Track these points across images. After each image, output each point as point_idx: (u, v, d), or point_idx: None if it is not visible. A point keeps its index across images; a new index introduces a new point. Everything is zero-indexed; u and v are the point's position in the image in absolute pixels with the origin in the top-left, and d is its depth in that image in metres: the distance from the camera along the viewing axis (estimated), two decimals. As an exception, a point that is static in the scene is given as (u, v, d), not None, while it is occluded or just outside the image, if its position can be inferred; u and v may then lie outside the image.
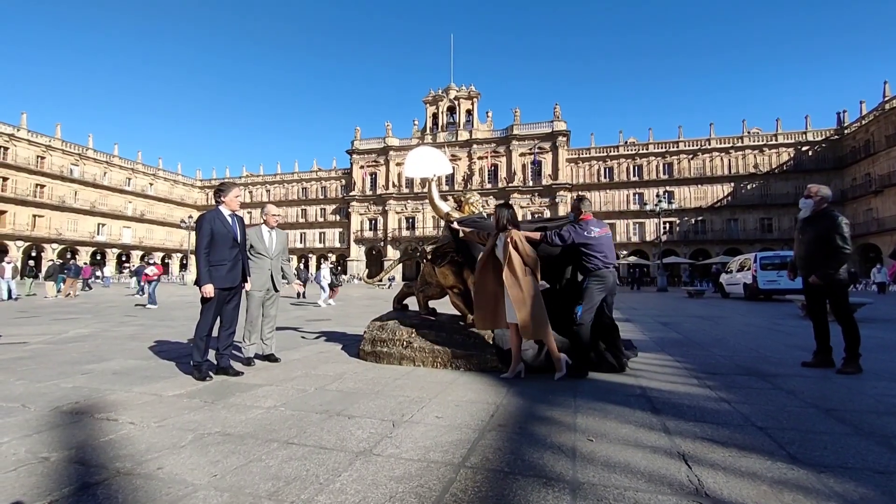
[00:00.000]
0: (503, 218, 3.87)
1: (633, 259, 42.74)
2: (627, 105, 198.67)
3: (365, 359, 4.74)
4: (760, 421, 2.76)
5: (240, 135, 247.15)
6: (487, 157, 49.85)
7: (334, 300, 15.48)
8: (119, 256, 52.52)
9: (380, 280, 6.91)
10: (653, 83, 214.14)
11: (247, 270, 4.29)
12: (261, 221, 4.93)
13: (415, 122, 54.80)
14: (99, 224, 50.73)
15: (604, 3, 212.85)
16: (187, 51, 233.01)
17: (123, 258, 52.99)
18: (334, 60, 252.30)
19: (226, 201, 4.12)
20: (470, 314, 4.71)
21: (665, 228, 43.58)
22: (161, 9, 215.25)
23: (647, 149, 47.76)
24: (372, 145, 55.31)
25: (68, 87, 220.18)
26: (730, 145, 45.54)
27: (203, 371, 3.86)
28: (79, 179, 49.22)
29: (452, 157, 49.42)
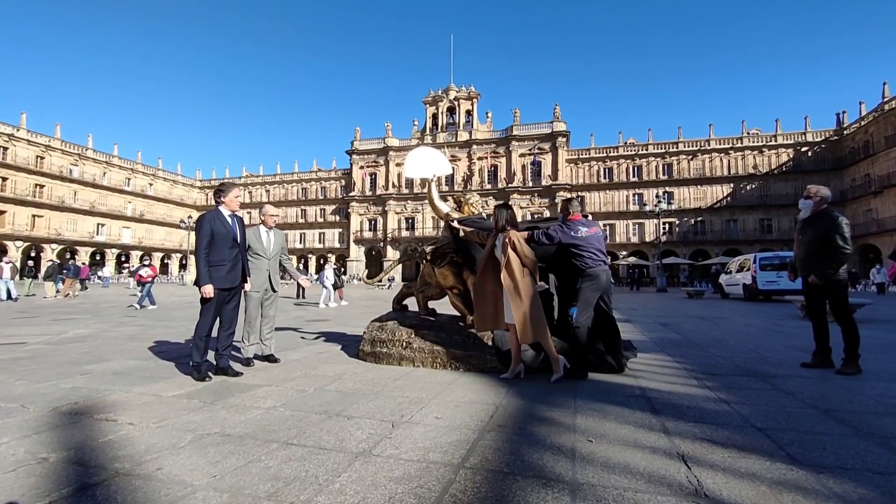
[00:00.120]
0: (502, 218, 3.87)
1: (633, 260, 42.76)
2: (627, 105, 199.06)
3: (364, 359, 4.74)
4: (760, 422, 2.76)
5: (240, 135, 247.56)
6: (487, 158, 49.86)
7: (344, 299, 15.53)
8: (118, 257, 52.48)
9: (379, 280, 6.90)
10: (652, 83, 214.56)
11: (247, 271, 4.29)
12: (259, 222, 4.92)
13: (414, 123, 54.83)
14: (98, 224, 50.70)
15: (604, 4, 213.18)
16: (187, 51, 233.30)
17: (123, 258, 52.96)
18: (334, 61, 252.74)
19: (226, 201, 4.12)
20: (469, 315, 4.71)
21: (664, 229, 43.61)
22: (161, 9, 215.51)
23: (647, 149, 47.78)
24: (372, 146, 55.31)
25: (68, 88, 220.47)
26: (729, 146, 45.58)
27: (202, 371, 3.86)
28: (78, 179, 49.20)
29: (452, 158, 49.44)
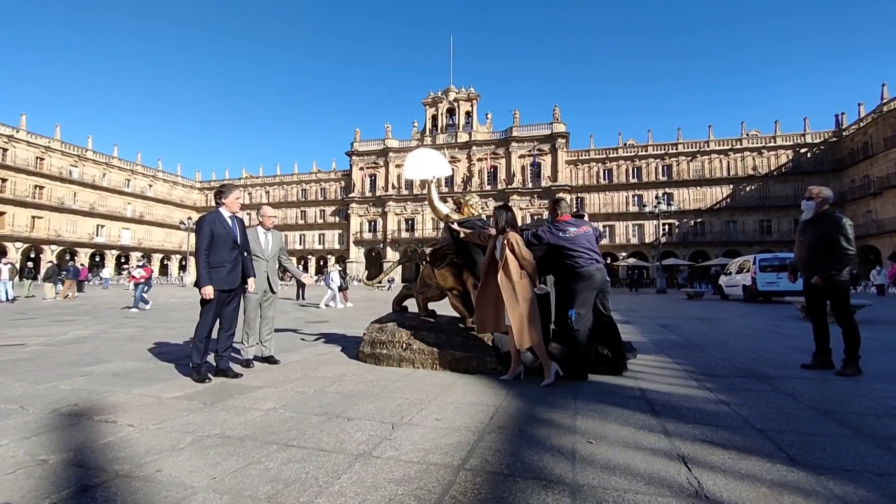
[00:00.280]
0: (502, 220, 3.86)
1: (633, 261, 42.82)
2: (627, 106, 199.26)
3: (364, 361, 4.73)
4: (760, 423, 2.76)
5: (239, 136, 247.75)
6: (487, 159, 49.90)
7: (349, 301, 15.54)
8: (118, 258, 52.45)
9: (379, 282, 6.91)
10: (652, 84, 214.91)
11: (250, 271, 4.29)
12: (257, 223, 4.90)
13: (414, 124, 54.91)
14: (98, 225, 50.71)
15: (603, 5, 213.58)
16: (187, 52, 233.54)
17: (122, 260, 52.92)
18: (334, 62, 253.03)
19: (226, 203, 4.11)
20: (469, 316, 4.70)
21: (664, 230, 43.63)
22: (161, 10, 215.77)
23: (647, 150, 47.86)
24: (371, 147, 55.36)
25: (68, 89, 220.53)
26: (728, 147, 45.65)
27: (202, 373, 3.86)
28: (78, 181, 49.21)
29: (452, 159, 49.48)
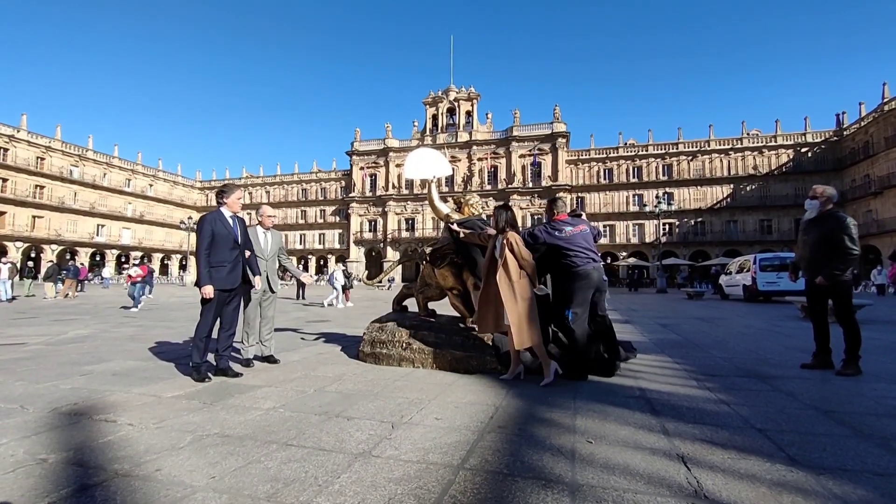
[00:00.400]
0: (502, 220, 3.86)
1: (633, 260, 42.77)
2: (627, 106, 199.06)
3: (364, 360, 4.74)
4: (760, 423, 2.76)
5: (240, 136, 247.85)
6: (487, 159, 49.88)
7: (350, 301, 15.52)
8: (118, 257, 52.48)
9: (379, 281, 6.91)
10: (652, 84, 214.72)
11: (256, 270, 4.32)
12: (256, 222, 4.89)
13: (414, 124, 54.86)
14: (98, 225, 50.73)
15: (603, 5, 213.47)
16: (187, 52, 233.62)
17: (123, 259, 52.95)
18: (334, 61, 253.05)
19: (228, 203, 4.12)
20: (469, 316, 4.71)
21: (664, 230, 43.61)
22: (161, 9, 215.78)
23: (647, 150, 47.82)
24: (372, 146, 55.34)
25: (68, 89, 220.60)
26: (729, 147, 45.60)
27: (202, 372, 3.86)
28: (78, 180, 49.22)
29: (452, 159, 49.47)
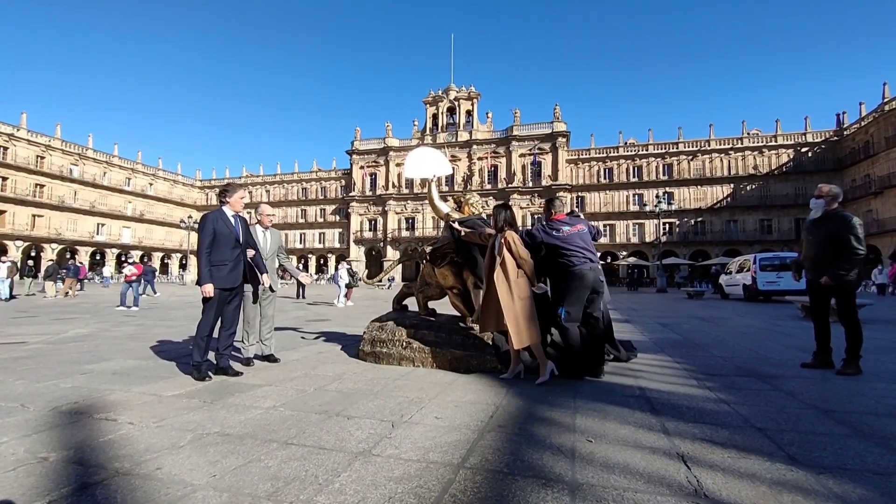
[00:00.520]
0: (500, 219, 3.87)
1: (633, 260, 42.78)
2: (627, 106, 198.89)
3: (364, 359, 4.74)
4: (760, 422, 2.76)
5: (240, 135, 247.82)
6: (487, 158, 49.85)
7: (350, 301, 15.52)
8: (118, 256, 52.41)
9: (379, 280, 6.90)
10: (653, 84, 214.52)
11: (263, 268, 4.35)
12: (255, 221, 4.88)
13: (415, 123, 54.84)
14: (98, 224, 50.73)
15: (603, 5, 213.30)
16: (187, 51, 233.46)
17: (123, 258, 52.90)
18: (334, 61, 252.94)
19: (230, 202, 4.12)
20: (469, 315, 4.71)
21: (665, 229, 43.61)
22: (161, 9, 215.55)
23: (647, 150, 47.79)
24: (372, 146, 55.32)
25: (68, 87, 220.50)
26: (729, 146, 45.59)
27: (202, 371, 3.86)
28: (78, 179, 49.22)
29: (452, 158, 49.45)
